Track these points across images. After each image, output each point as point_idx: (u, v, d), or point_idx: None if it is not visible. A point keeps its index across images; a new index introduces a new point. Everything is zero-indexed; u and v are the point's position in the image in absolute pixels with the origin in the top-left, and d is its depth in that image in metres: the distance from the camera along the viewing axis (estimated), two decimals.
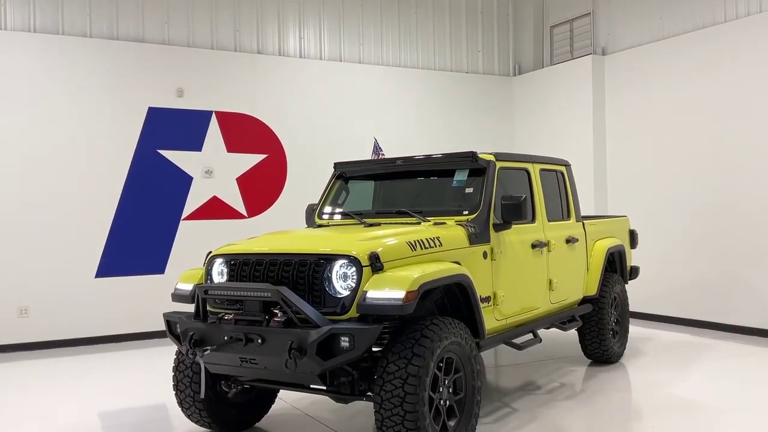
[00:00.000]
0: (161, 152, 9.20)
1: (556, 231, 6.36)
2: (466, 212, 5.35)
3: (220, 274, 4.92)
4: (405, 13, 11.21)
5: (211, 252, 5.04)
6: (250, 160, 9.75)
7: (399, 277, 4.26)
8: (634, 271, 7.90)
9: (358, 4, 10.79)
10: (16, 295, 8.39)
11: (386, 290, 4.18)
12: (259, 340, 4.25)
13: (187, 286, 5.00)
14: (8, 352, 8.28)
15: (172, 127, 9.26)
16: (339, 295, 4.36)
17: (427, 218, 5.32)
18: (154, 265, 9.11)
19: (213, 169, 9.49)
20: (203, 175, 9.43)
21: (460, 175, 5.65)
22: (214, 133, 9.52)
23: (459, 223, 5.20)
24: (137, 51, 9.11)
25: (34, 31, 8.63)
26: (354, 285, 4.31)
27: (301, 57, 10.30)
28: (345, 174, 6.34)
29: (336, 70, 10.47)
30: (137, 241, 9.02)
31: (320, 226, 5.97)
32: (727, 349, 7.84)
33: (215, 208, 9.50)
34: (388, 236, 4.75)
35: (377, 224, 5.36)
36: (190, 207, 9.35)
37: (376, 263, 4.32)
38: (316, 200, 6.45)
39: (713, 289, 8.88)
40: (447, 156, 5.77)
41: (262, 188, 9.80)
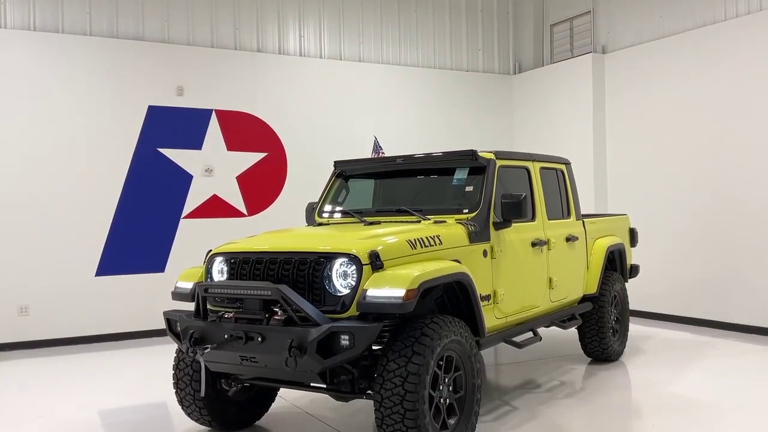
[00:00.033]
0: (161, 151, 9.20)
1: (556, 229, 6.36)
2: (466, 210, 5.35)
3: (220, 273, 4.92)
4: (405, 12, 11.20)
5: (211, 250, 5.04)
6: (250, 159, 9.75)
7: (399, 275, 4.26)
8: (634, 270, 7.91)
9: (358, 3, 10.78)
10: (16, 294, 8.39)
11: (386, 289, 4.18)
12: (260, 339, 4.25)
13: (187, 285, 5.00)
14: (8, 351, 8.28)
15: (172, 126, 9.26)
16: (339, 294, 4.36)
17: (427, 217, 5.32)
18: (154, 264, 9.12)
19: (213, 168, 9.48)
20: (203, 174, 9.43)
21: (460, 174, 5.65)
22: (214, 131, 9.52)
23: (459, 222, 5.20)
24: (137, 49, 9.11)
25: (34, 30, 8.63)
26: (354, 283, 4.31)
27: (301, 55, 10.29)
28: (345, 172, 6.34)
29: (336, 68, 10.46)
30: (137, 240, 9.02)
31: (320, 225, 5.97)
32: (727, 347, 7.84)
33: (215, 207, 9.50)
34: (388, 235, 4.75)
35: (377, 223, 5.35)
36: (190, 205, 9.35)
37: (376, 262, 4.32)
38: (316, 199, 6.45)
39: (713, 288, 8.88)
40: (447, 154, 5.77)
41: (262, 187, 9.80)
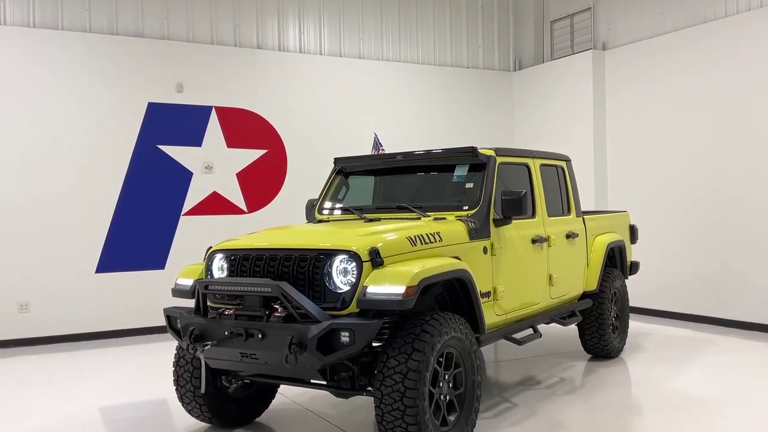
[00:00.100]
0: (161, 147, 9.19)
1: (557, 226, 6.36)
2: (467, 207, 5.35)
3: (220, 270, 4.92)
4: (405, 8, 11.19)
5: (211, 247, 5.04)
6: (250, 156, 9.74)
7: (399, 272, 4.27)
8: (634, 266, 7.90)
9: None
10: (17, 291, 8.39)
11: (386, 285, 4.18)
12: (260, 335, 4.25)
13: (188, 282, 5.00)
14: (8, 348, 8.29)
15: (171, 123, 9.25)
16: (339, 291, 4.36)
17: (427, 213, 5.32)
18: (155, 261, 9.12)
19: (213, 165, 9.48)
20: (203, 171, 9.43)
21: (461, 171, 5.65)
22: (214, 128, 9.52)
23: (459, 219, 5.20)
24: (137, 46, 9.10)
25: (34, 27, 8.62)
26: (354, 280, 4.32)
27: (301, 52, 10.28)
28: (345, 169, 6.33)
29: (336, 65, 10.45)
30: (137, 237, 9.02)
31: (320, 222, 5.97)
32: (727, 344, 7.85)
33: (215, 204, 9.50)
34: (389, 231, 4.74)
35: (377, 219, 5.35)
36: (190, 202, 9.35)
37: (377, 258, 4.32)
38: (316, 195, 6.45)
39: (713, 284, 8.88)
40: (447, 151, 5.77)
41: (262, 183, 9.80)
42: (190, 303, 4.82)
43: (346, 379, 4.47)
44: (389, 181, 6.21)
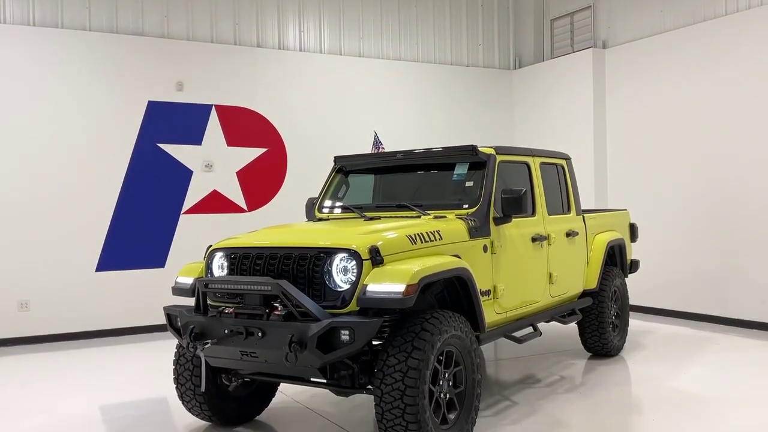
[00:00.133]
0: (161, 146, 9.19)
1: (557, 224, 6.36)
2: (467, 206, 5.34)
3: (220, 268, 4.92)
4: (405, 7, 11.18)
5: (211, 246, 5.04)
6: (250, 154, 9.74)
7: (399, 270, 4.27)
8: (634, 265, 7.90)
9: None
10: (17, 289, 8.39)
11: (386, 284, 4.18)
12: (260, 334, 4.25)
13: (188, 280, 5.00)
14: (8, 346, 8.29)
15: (171, 121, 9.25)
16: (339, 289, 4.36)
17: (428, 212, 5.31)
18: (155, 259, 9.12)
19: (213, 163, 9.48)
20: (203, 169, 9.42)
21: (461, 169, 5.64)
22: (214, 126, 9.51)
23: (459, 217, 5.20)
24: (137, 44, 9.09)
25: (33, 25, 8.61)
26: (354, 278, 4.32)
27: (301, 50, 10.27)
28: (345, 168, 6.33)
29: (336, 63, 10.44)
30: (137, 235, 9.02)
31: (320, 220, 5.98)
32: (727, 343, 7.85)
33: (215, 202, 9.50)
34: (388, 230, 4.74)
35: (377, 218, 5.35)
36: (190, 201, 9.35)
37: (377, 257, 4.32)
38: (316, 194, 6.44)
39: (713, 283, 8.88)
40: (447, 149, 5.77)
41: (262, 182, 9.80)
42: (191, 301, 4.82)
43: (346, 378, 4.47)
44: (389, 179, 6.21)
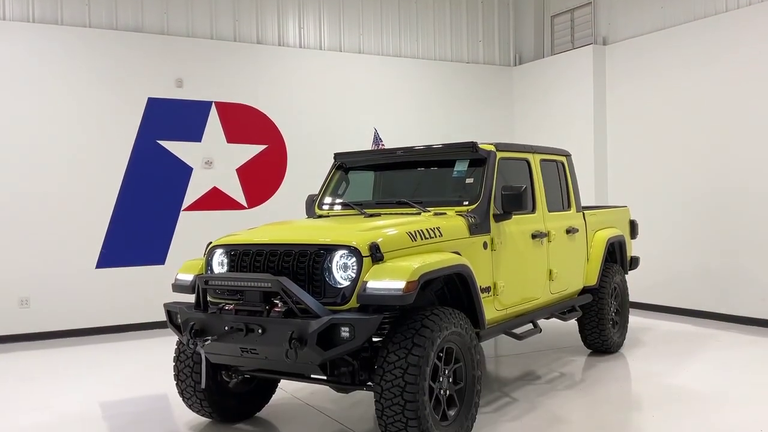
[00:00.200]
0: (161, 143, 9.18)
1: (557, 221, 6.36)
2: (467, 202, 5.35)
3: (220, 265, 4.92)
4: (405, 3, 11.16)
5: (211, 243, 5.04)
6: (250, 151, 9.73)
7: (399, 267, 4.26)
8: (634, 262, 7.91)
9: None
10: (17, 286, 8.40)
11: (386, 280, 4.18)
12: (260, 331, 4.25)
13: (188, 277, 5.00)
14: (9, 343, 8.30)
15: (171, 118, 9.24)
16: (339, 286, 4.36)
17: (428, 209, 5.31)
18: (155, 256, 9.12)
19: (213, 160, 9.47)
20: (203, 166, 9.42)
21: (461, 166, 5.64)
22: (214, 123, 9.51)
23: (459, 214, 5.20)
24: (136, 41, 9.08)
25: (33, 22, 8.60)
26: (354, 275, 4.32)
27: (300, 47, 10.26)
28: (345, 164, 6.33)
29: (336, 60, 10.43)
30: (138, 232, 9.02)
31: (320, 217, 5.97)
32: (728, 339, 7.85)
33: (215, 199, 9.50)
34: (389, 227, 4.75)
35: (377, 215, 5.36)
36: (190, 198, 9.35)
37: (377, 253, 4.32)
38: (316, 191, 6.45)
39: (713, 279, 8.88)
40: (447, 146, 5.76)
41: (262, 179, 9.79)
42: (191, 298, 4.82)
43: (346, 374, 4.47)
44: (389, 176, 6.21)
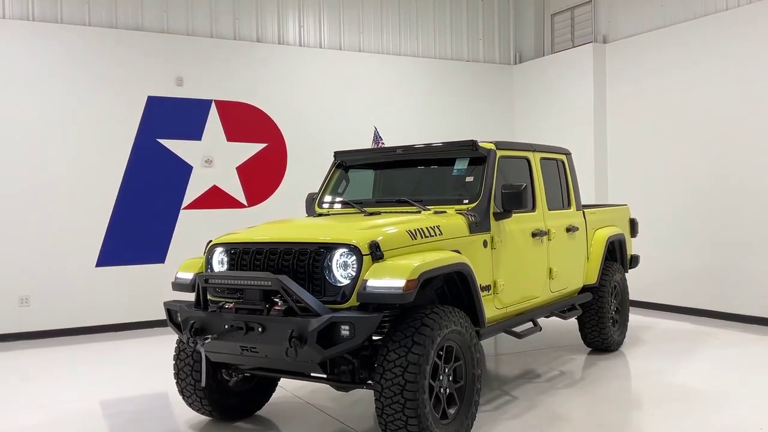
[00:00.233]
0: (161, 141, 9.18)
1: (557, 220, 6.36)
2: (467, 201, 5.34)
3: (220, 263, 4.92)
4: (405, 2, 11.14)
5: (211, 241, 5.04)
6: (250, 149, 9.73)
7: (399, 265, 4.26)
8: (635, 260, 7.91)
9: None
10: (17, 285, 8.40)
11: (386, 279, 4.18)
12: (260, 329, 4.25)
13: (188, 275, 5.00)
14: (9, 341, 8.30)
15: (171, 116, 9.24)
16: (339, 284, 4.36)
17: (428, 207, 5.31)
18: (155, 255, 9.12)
19: (213, 159, 9.47)
20: (203, 165, 9.42)
21: (461, 164, 5.63)
22: (214, 122, 9.50)
23: (459, 212, 5.20)
24: (136, 40, 9.08)
25: (33, 20, 8.59)
26: (354, 274, 4.32)
27: (300, 45, 10.25)
28: (345, 163, 6.33)
29: (336, 58, 10.42)
30: (137, 231, 9.02)
31: (320, 215, 5.97)
32: (727, 338, 7.85)
33: (215, 198, 9.50)
34: (389, 225, 4.74)
35: (377, 213, 5.35)
36: (190, 196, 9.34)
37: (377, 252, 4.32)
38: (316, 189, 6.45)
39: (713, 278, 8.88)
40: (447, 145, 5.76)
41: (262, 177, 9.79)
42: (191, 297, 4.83)
43: (346, 373, 4.47)
44: (389, 174, 6.21)
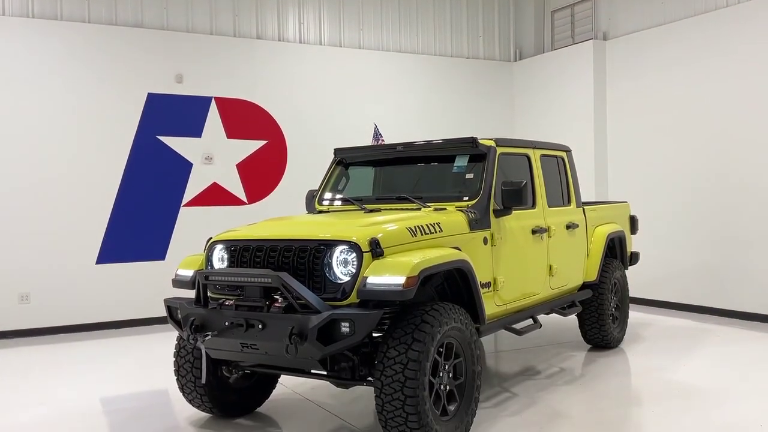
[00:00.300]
0: (161, 138, 9.18)
1: (557, 217, 6.36)
2: (467, 198, 5.34)
3: (220, 260, 4.93)
4: None
5: (211, 238, 5.04)
6: (250, 147, 9.73)
7: (399, 262, 4.27)
8: (634, 257, 7.91)
9: None
10: (17, 282, 8.40)
11: (386, 276, 4.19)
12: (260, 326, 4.26)
13: (188, 272, 5.00)
14: (9, 339, 8.31)
15: (171, 113, 9.23)
16: (339, 281, 4.36)
17: (428, 204, 5.32)
18: (155, 252, 9.12)
19: (213, 156, 9.47)
20: (203, 162, 9.42)
21: (461, 161, 5.64)
22: (214, 119, 9.50)
23: (459, 209, 5.20)
24: (136, 37, 9.07)
25: (33, 17, 8.58)
26: (354, 271, 4.32)
27: (300, 42, 10.24)
28: (345, 160, 6.32)
29: (336, 55, 10.41)
30: (138, 228, 9.02)
31: (320, 212, 5.97)
32: (727, 335, 7.86)
33: (215, 195, 9.50)
34: (389, 222, 4.74)
35: (377, 210, 5.35)
36: (190, 193, 9.34)
37: (377, 249, 4.32)
38: (316, 186, 6.44)
39: (713, 275, 8.89)
40: (447, 142, 5.76)
41: (262, 174, 9.79)
42: (191, 294, 4.82)
43: (346, 370, 4.48)
44: (389, 171, 6.21)
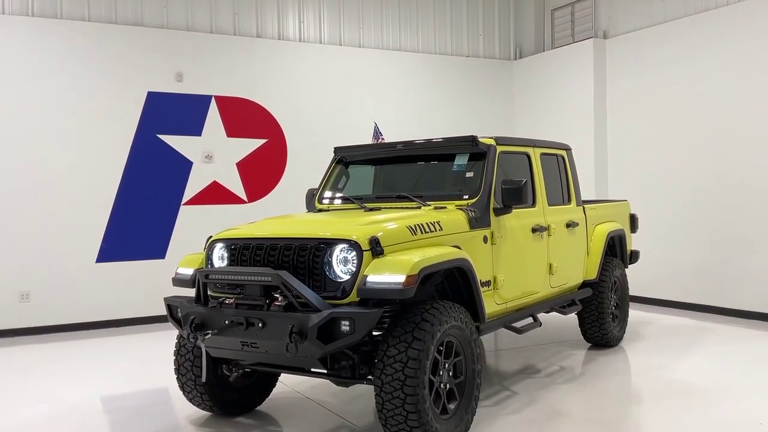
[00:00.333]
0: (161, 137, 9.17)
1: (557, 215, 6.36)
2: (467, 196, 5.34)
3: (220, 259, 4.93)
4: None
5: (211, 237, 5.05)
6: (250, 145, 9.73)
7: (399, 261, 4.27)
8: (634, 255, 7.91)
9: None
10: (17, 280, 8.40)
11: (386, 274, 4.19)
12: (260, 324, 4.26)
13: (188, 271, 5.00)
14: (9, 337, 8.31)
15: (171, 112, 9.23)
16: (339, 280, 4.37)
17: (428, 203, 5.32)
18: (155, 250, 9.12)
19: (213, 154, 9.47)
20: (203, 160, 9.41)
21: (461, 160, 5.64)
22: (214, 117, 9.49)
23: (459, 208, 5.20)
24: (136, 35, 9.06)
25: (32, 15, 8.58)
26: (354, 269, 4.32)
27: (300, 41, 10.24)
28: (345, 158, 6.32)
29: (336, 54, 10.41)
30: (138, 226, 9.02)
31: (320, 211, 5.98)
32: (728, 333, 7.86)
33: (215, 193, 9.50)
34: (389, 221, 4.74)
35: (377, 209, 5.36)
36: (190, 192, 9.34)
37: (377, 247, 4.32)
38: (316, 185, 6.44)
39: (714, 273, 8.89)
40: (447, 140, 5.76)
41: (262, 173, 9.79)
42: (191, 292, 4.83)
43: (346, 368, 4.48)
44: (389, 170, 6.21)
